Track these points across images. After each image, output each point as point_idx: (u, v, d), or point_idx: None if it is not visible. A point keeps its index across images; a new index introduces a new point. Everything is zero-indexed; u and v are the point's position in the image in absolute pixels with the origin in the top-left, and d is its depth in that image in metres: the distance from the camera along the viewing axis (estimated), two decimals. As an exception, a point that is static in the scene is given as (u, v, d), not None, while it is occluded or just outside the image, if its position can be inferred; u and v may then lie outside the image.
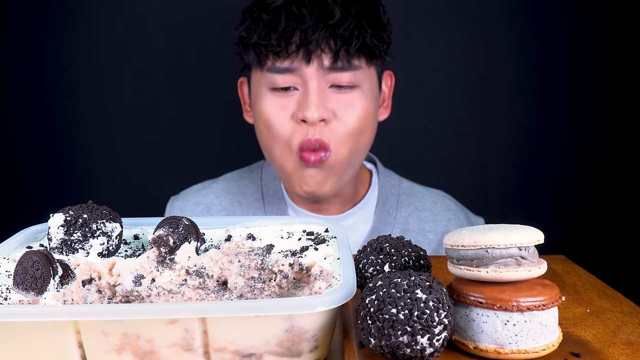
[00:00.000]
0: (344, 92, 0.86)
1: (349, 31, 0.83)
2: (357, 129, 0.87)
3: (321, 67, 0.84)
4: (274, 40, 0.83)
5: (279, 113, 0.86)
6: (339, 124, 0.86)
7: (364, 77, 0.87)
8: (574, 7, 1.36)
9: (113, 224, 0.55)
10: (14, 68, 1.37)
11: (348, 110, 0.86)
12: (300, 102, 0.85)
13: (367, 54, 0.86)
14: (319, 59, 0.84)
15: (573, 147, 1.41)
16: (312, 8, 0.83)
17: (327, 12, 0.83)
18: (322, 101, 0.84)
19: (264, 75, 0.87)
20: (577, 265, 0.72)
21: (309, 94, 0.84)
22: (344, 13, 0.83)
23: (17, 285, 0.49)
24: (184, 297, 0.52)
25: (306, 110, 0.83)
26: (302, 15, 0.82)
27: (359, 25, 0.84)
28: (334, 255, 0.54)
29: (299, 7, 0.83)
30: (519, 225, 0.49)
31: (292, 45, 0.83)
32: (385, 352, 0.44)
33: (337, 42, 0.83)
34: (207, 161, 1.41)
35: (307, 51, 0.83)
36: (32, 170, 1.40)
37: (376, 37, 0.86)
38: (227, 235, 0.61)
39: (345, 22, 0.83)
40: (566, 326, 0.53)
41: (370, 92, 0.89)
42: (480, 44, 1.38)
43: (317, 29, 0.82)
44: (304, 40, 0.82)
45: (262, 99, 0.88)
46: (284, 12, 0.83)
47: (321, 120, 0.85)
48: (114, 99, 1.39)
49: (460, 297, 0.48)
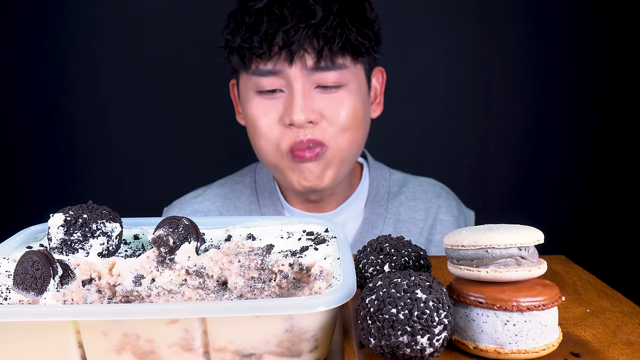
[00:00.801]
0: (330, 92, 0.85)
1: (331, 30, 0.82)
2: (347, 127, 0.86)
3: (305, 67, 0.83)
4: (256, 42, 0.83)
5: (265, 116, 0.86)
6: (328, 124, 0.85)
7: (350, 76, 0.86)
8: (573, 7, 1.36)
9: (113, 224, 0.55)
10: (14, 68, 1.37)
11: (336, 110, 0.85)
12: (286, 105, 0.85)
13: (352, 52, 0.85)
14: (302, 59, 0.83)
15: (573, 147, 1.41)
16: (294, 8, 0.82)
17: (309, 11, 0.82)
18: (308, 103, 0.84)
19: (250, 78, 0.87)
20: (577, 265, 0.72)
21: (294, 96, 0.84)
22: (325, 12, 0.82)
23: (17, 285, 0.49)
24: (184, 297, 0.52)
25: (292, 114, 0.83)
26: (283, 17, 0.82)
27: (342, 23, 0.83)
28: (334, 255, 0.54)
29: (280, 9, 0.82)
30: (519, 225, 0.49)
31: (274, 47, 0.83)
32: (385, 352, 0.44)
33: (319, 41, 0.82)
34: (207, 161, 1.41)
35: (290, 52, 0.82)
36: (32, 170, 1.40)
37: (361, 34, 0.85)
38: (227, 235, 0.61)
39: (327, 21, 0.82)
40: (566, 326, 0.53)
41: (358, 91, 0.88)
42: (480, 43, 1.38)
43: (299, 29, 0.82)
44: (286, 42, 0.82)
45: (250, 102, 0.88)
46: (266, 14, 0.83)
47: (309, 122, 0.84)
48: (114, 99, 1.39)
49: (460, 297, 0.48)
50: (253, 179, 1.01)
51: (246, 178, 1.02)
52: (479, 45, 1.38)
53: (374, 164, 1.02)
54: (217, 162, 1.40)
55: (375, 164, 1.03)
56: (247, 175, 1.03)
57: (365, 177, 1.00)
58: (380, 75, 0.96)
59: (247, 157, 1.12)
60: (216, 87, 1.38)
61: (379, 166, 1.03)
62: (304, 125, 0.84)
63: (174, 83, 1.39)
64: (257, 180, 1.01)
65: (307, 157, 0.85)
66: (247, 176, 1.03)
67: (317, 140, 0.85)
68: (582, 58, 1.37)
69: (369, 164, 1.02)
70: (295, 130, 0.84)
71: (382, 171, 1.02)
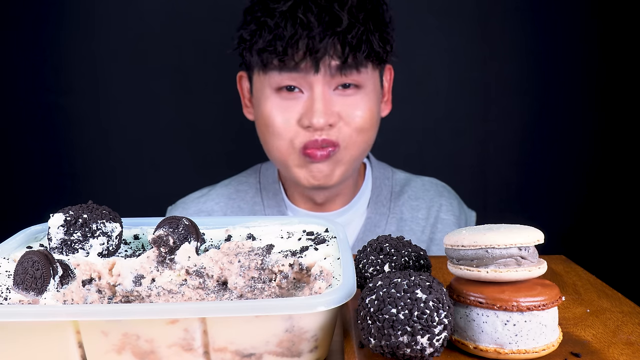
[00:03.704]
0: (348, 93, 0.86)
1: (356, 38, 0.82)
2: (363, 129, 0.87)
3: (327, 73, 0.84)
4: (280, 47, 0.82)
5: (282, 115, 0.86)
6: (344, 125, 0.86)
7: (368, 77, 0.87)
8: (573, 7, 1.36)
9: (113, 224, 0.55)
10: (13, 68, 1.37)
11: (353, 112, 0.86)
12: (306, 107, 0.85)
13: (375, 59, 0.86)
14: (325, 65, 0.83)
15: (573, 147, 1.41)
16: (320, 14, 0.81)
17: (335, 18, 0.81)
18: (328, 106, 0.84)
19: (267, 76, 0.86)
20: (577, 265, 0.72)
21: (314, 99, 0.84)
22: (351, 19, 0.81)
23: (17, 285, 0.49)
24: (184, 297, 0.52)
25: (312, 117, 0.83)
26: (308, 22, 0.81)
27: (367, 31, 0.83)
28: (334, 255, 0.54)
29: (305, 13, 0.81)
30: (519, 225, 0.49)
31: (299, 52, 0.82)
32: (385, 352, 0.44)
33: (345, 49, 0.82)
34: (207, 161, 1.41)
35: (315, 59, 0.82)
36: (32, 170, 1.40)
37: (382, 40, 0.85)
38: (227, 235, 0.61)
39: (353, 29, 0.81)
40: (566, 326, 0.53)
41: (373, 92, 0.89)
42: (481, 44, 1.38)
43: (325, 36, 0.81)
44: (311, 48, 0.81)
45: (266, 101, 0.87)
46: (290, 18, 0.81)
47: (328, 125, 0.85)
48: (113, 98, 1.39)
49: (460, 297, 0.48)
50: (257, 180, 1.01)
51: (251, 179, 1.02)
52: (480, 46, 1.38)
53: (376, 164, 1.02)
54: (217, 162, 1.40)
55: (378, 163, 1.03)
56: (252, 175, 1.03)
57: (368, 177, 1.00)
58: (389, 72, 0.97)
59: (247, 156, 1.12)
60: (216, 87, 1.38)
61: (382, 166, 1.03)
62: (323, 128, 0.84)
63: (174, 83, 1.39)
64: (262, 181, 1.01)
65: (318, 156, 0.85)
66: (251, 177, 1.03)
67: (331, 141, 0.85)
68: (582, 58, 1.37)
69: (371, 164, 1.02)
70: (312, 131, 0.85)
71: (385, 171, 1.02)
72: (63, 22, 1.36)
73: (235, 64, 0.96)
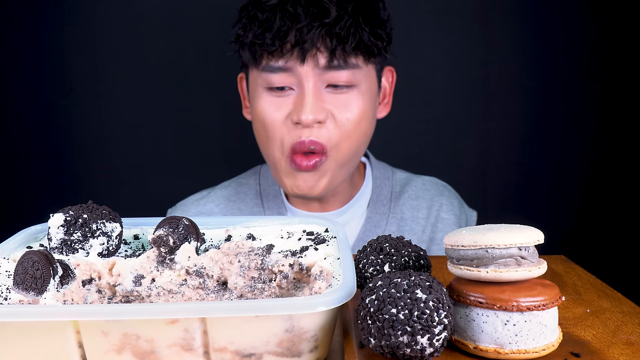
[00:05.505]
0: (340, 92, 0.85)
1: (344, 30, 0.82)
2: (353, 130, 0.86)
3: (317, 66, 0.83)
4: (268, 39, 0.82)
5: (274, 113, 0.86)
6: (334, 125, 0.85)
7: (362, 76, 0.86)
8: (573, 6, 1.36)
9: (113, 224, 0.55)
10: (13, 68, 1.37)
11: (344, 111, 0.85)
12: (296, 103, 0.84)
13: (365, 52, 0.85)
14: (314, 58, 0.83)
15: (573, 147, 1.41)
16: (308, 6, 0.82)
17: (323, 10, 0.82)
18: (318, 102, 0.84)
19: (260, 74, 0.87)
20: (577, 265, 0.72)
21: (304, 95, 0.83)
22: (339, 11, 0.82)
23: (17, 285, 0.49)
24: (184, 297, 0.52)
25: (301, 112, 0.83)
26: (297, 14, 0.81)
27: (356, 23, 0.83)
28: (334, 255, 0.54)
29: (294, 6, 0.82)
30: (519, 225, 0.49)
31: (287, 44, 0.82)
32: (385, 352, 0.44)
33: (332, 41, 0.82)
34: (207, 161, 1.41)
35: (302, 50, 0.82)
36: (32, 170, 1.40)
37: (374, 34, 0.85)
38: (227, 235, 0.61)
39: (341, 21, 0.82)
40: (566, 326, 0.53)
41: (368, 92, 0.88)
42: (480, 43, 1.39)
43: (312, 27, 0.81)
44: (298, 40, 0.82)
45: (259, 98, 0.87)
46: (279, 10, 0.82)
47: (317, 122, 0.84)
48: (114, 98, 1.39)
49: (460, 297, 0.48)
50: (257, 182, 1.01)
51: (250, 180, 1.02)
52: (480, 45, 1.38)
53: (376, 164, 1.02)
54: (217, 162, 1.40)
55: (378, 163, 1.03)
56: (252, 177, 1.03)
57: (369, 177, 1.00)
58: (390, 75, 0.96)
59: (247, 157, 1.12)
60: (216, 87, 1.38)
61: (382, 166, 1.03)
62: (311, 125, 0.84)
63: (174, 83, 1.39)
64: (262, 183, 1.01)
65: (304, 166, 0.85)
66: (251, 179, 1.03)
67: (319, 144, 0.84)
68: (583, 58, 1.37)
69: (371, 164, 1.02)
70: (300, 128, 0.84)
71: (385, 171, 1.02)
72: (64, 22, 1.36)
73: (235, 64, 0.96)
